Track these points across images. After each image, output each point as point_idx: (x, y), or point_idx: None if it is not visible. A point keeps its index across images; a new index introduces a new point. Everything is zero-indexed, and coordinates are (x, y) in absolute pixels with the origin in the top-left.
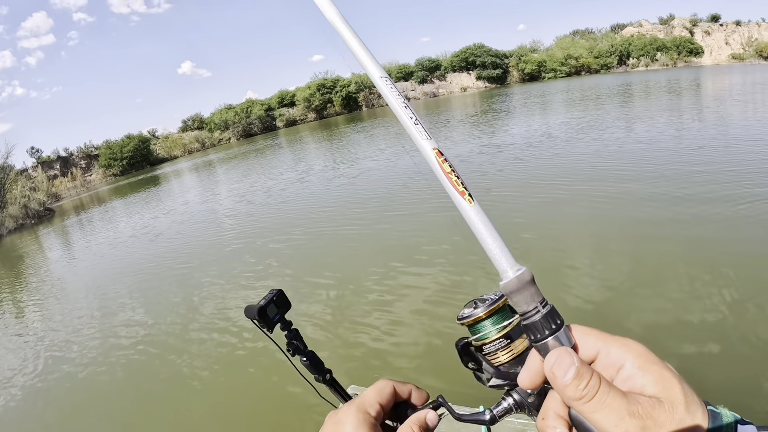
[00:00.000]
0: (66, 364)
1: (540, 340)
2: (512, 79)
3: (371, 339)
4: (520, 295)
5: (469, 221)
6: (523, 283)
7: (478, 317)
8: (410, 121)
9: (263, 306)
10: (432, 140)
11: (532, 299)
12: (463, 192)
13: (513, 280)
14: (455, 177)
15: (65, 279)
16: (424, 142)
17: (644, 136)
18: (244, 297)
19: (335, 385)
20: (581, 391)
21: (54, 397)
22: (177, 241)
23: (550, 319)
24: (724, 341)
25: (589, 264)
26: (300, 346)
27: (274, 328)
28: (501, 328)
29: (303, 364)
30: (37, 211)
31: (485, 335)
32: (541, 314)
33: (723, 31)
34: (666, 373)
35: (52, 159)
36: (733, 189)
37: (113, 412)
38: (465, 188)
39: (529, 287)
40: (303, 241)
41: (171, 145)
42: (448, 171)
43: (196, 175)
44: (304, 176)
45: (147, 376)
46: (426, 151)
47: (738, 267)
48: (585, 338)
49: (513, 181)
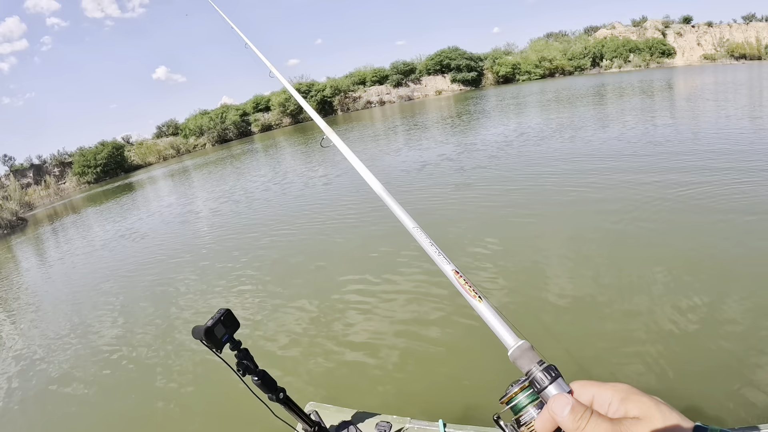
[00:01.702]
0: (39, 376)
1: (543, 388)
2: (487, 82)
3: (332, 354)
4: (523, 359)
5: (481, 314)
6: (524, 350)
7: (513, 393)
8: (435, 253)
9: (210, 326)
10: (451, 264)
11: (531, 361)
12: (475, 295)
13: (516, 350)
14: (468, 286)
15: (38, 289)
16: (446, 266)
17: (613, 134)
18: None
19: (289, 403)
20: (576, 421)
21: (27, 412)
22: (147, 249)
23: (547, 372)
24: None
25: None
26: (251, 366)
27: (223, 348)
28: (533, 400)
29: (255, 383)
30: (9, 221)
31: (522, 408)
32: (539, 370)
33: (695, 32)
34: (644, 399)
35: (25, 167)
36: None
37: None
38: (476, 291)
39: (529, 353)
40: (265, 253)
41: (145, 152)
42: (464, 283)
43: (170, 182)
44: (268, 184)
45: (112, 393)
46: (448, 273)
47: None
48: (583, 388)
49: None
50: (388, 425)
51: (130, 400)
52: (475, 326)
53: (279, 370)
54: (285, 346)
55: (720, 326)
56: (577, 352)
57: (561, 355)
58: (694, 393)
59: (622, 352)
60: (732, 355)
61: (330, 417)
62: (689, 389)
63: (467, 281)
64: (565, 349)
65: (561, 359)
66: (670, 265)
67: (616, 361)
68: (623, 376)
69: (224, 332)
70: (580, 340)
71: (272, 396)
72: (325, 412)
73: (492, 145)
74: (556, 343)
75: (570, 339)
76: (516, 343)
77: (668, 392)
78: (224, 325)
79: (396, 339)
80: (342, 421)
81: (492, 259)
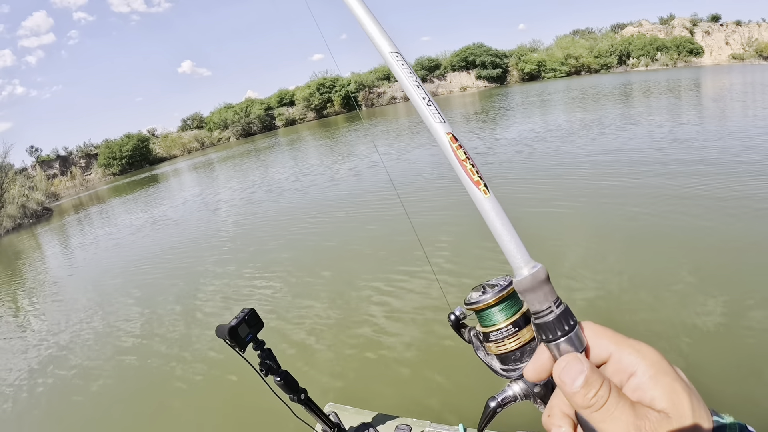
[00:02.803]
0: (62, 367)
1: (552, 340)
2: (512, 79)
3: (352, 354)
4: (534, 294)
5: (484, 213)
6: (538, 281)
7: (486, 303)
8: (422, 102)
9: (234, 326)
10: (446, 124)
11: (545, 298)
12: (479, 182)
13: (527, 278)
14: (470, 165)
15: (62, 279)
16: (437, 125)
17: (640, 134)
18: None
19: (310, 404)
20: (589, 399)
21: (51, 400)
22: (172, 241)
23: (563, 319)
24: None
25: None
26: (273, 366)
27: (247, 347)
28: (509, 315)
29: (277, 383)
30: (35, 211)
31: (493, 322)
32: (554, 314)
33: (723, 31)
34: (677, 386)
35: (51, 158)
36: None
37: (104, 418)
38: (480, 178)
39: (544, 286)
40: (292, 246)
41: (170, 145)
42: (463, 158)
43: (195, 175)
44: (298, 179)
45: (135, 384)
46: (439, 136)
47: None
48: (598, 339)
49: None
50: (407, 428)
51: (147, 395)
52: None
53: (298, 367)
54: (305, 343)
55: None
56: None
57: None
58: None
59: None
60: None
61: (349, 418)
62: (705, 387)
63: (468, 157)
64: None
65: None
66: (695, 262)
67: None
68: None
69: (248, 332)
70: None
71: (293, 397)
72: (345, 413)
73: (517, 141)
74: None
75: None
76: (529, 268)
77: None
78: (248, 324)
79: (416, 340)
80: (361, 423)
81: None
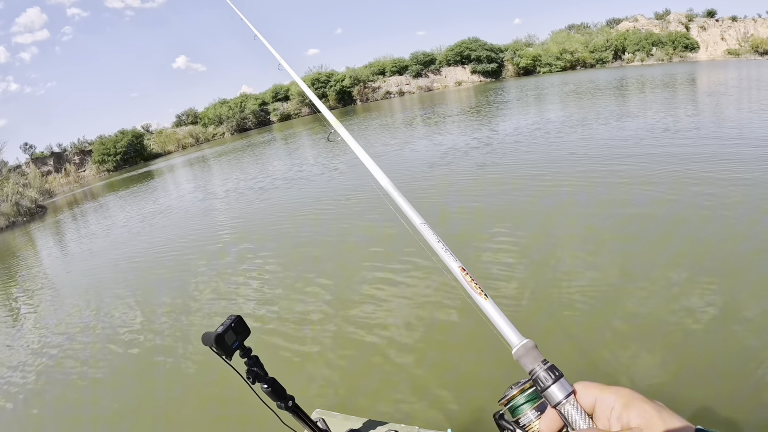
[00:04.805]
0: (58, 365)
1: (546, 387)
2: (507, 74)
3: (338, 360)
4: (527, 358)
5: (486, 312)
6: (528, 349)
7: (512, 396)
8: (443, 250)
9: (221, 333)
10: (458, 261)
11: (535, 360)
12: (481, 292)
13: (520, 348)
14: (475, 283)
15: (56, 277)
16: (453, 263)
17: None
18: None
19: (298, 412)
20: None
21: (45, 398)
22: (165, 238)
23: (551, 372)
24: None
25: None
26: (260, 373)
27: (233, 355)
28: (532, 403)
29: (264, 391)
30: (29, 209)
31: (521, 409)
32: (543, 369)
33: (719, 27)
34: (646, 406)
35: (45, 155)
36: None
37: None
38: (481, 289)
39: (533, 351)
40: (281, 247)
41: (165, 140)
42: (470, 280)
43: (189, 171)
44: (292, 176)
45: (130, 383)
46: (455, 270)
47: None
48: (586, 390)
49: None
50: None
51: (134, 402)
52: (484, 333)
53: (285, 374)
54: (293, 350)
55: (735, 326)
56: (586, 349)
57: (569, 351)
58: (699, 396)
59: (627, 353)
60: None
61: (337, 425)
62: (695, 392)
63: (473, 278)
64: (575, 347)
65: (569, 357)
66: (690, 261)
67: (623, 360)
68: (629, 375)
69: (235, 339)
70: (589, 337)
71: (281, 404)
72: (332, 420)
73: (512, 136)
74: (563, 341)
75: (578, 337)
76: (520, 342)
77: (674, 393)
78: (235, 332)
79: (404, 345)
80: (349, 429)
81: (503, 254)
